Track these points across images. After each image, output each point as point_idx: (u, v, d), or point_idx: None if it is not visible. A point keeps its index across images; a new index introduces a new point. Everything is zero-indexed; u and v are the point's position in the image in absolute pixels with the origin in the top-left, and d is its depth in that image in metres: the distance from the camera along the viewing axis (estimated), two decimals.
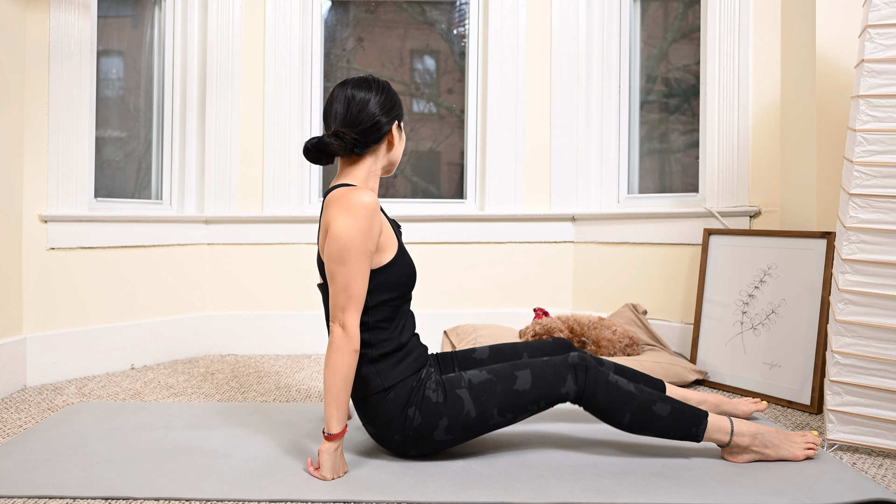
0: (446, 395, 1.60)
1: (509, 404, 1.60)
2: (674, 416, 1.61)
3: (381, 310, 1.61)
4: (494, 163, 3.19)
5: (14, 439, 1.80)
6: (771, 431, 1.66)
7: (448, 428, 1.59)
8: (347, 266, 1.52)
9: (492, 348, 1.88)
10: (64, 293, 2.54)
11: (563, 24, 3.19)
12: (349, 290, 1.52)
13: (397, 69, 3.39)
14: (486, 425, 1.61)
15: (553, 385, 1.60)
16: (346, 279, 1.52)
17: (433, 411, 1.59)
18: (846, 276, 1.75)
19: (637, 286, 3.04)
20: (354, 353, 1.52)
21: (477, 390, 1.60)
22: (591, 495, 1.45)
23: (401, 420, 1.59)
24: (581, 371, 1.61)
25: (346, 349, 1.51)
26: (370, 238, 1.53)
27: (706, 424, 1.62)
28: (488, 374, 1.63)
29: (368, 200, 1.53)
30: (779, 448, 1.64)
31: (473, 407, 1.59)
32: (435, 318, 3.16)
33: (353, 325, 1.52)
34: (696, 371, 2.50)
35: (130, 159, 2.97)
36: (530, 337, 2.72)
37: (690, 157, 3.06)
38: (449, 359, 1.87)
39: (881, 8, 1.72)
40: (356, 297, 1.52)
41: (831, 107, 2.30)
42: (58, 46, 2.50)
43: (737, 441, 1.63)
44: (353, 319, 1.52)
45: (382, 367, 1.61)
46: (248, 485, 1.50)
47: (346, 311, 1.52)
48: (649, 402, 1.61)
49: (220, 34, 3.04)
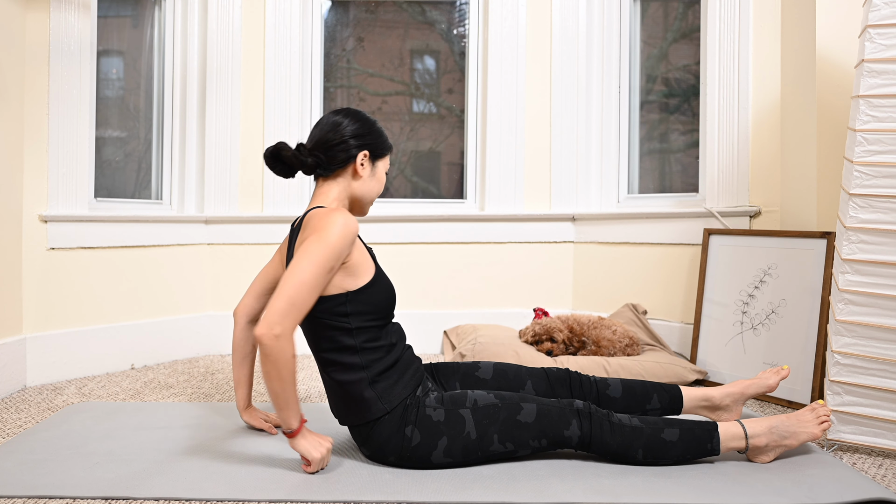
0: (447, 414, 1.58)
1: (510, 434, 1.58)
2: (684, 438, 1.59)
3: (366, 331, 1.60)
4: (494, 163, 3.19)
5: (14, 439, 1.80)
6: (783, 420, 1.64)
7: (447, 449, 1.57)
8: (304, 275, 1.49)
9: (496, 367, 1.84)
10: (64, 293, 2.54)
11: (563, 24, 3.19)
12: (295, 299, 1.48)
13: (397, 69, 3.39)
14: (485, 450, 1.59)
15: (557, 425, 1.59)
16: (298, 286, 1.48)
17: (433, 430, 1.57)
18: (846, 276, 1.75)
19: (637, 286, 3.04)
20: (293, 359, 1.50)
21: (481, 413, 1.59)
22: (591, 495, 1.45)
23: (398, 440, 1.57)
24: (585, 417, 1.60)
25: (288, 354, 1.49)
26: (337, 258, 1.53)
27: (718, 436, 1.61)
28: (495, 399, 1.61)
29: (353, 223, 1.55)
30: (797, 434, 1.63)
31: (475, 429, 1.57)
32: (435, 318, 3.16)
33: (290, 333, 1.50)
34: (696, 371, 2.50)
35: (130, 159, 2.97)
36: (530, 337, 2.72)
37: (690, 157, 3.06)
38: (451, 371, 1.83)
39: (881, 8, 1.72)
40: (300, 307, 1.49)
41: (831, 107, 2.30)
42: (58, 46, 2.50)
43: (754, 443, 1.62)
44: (292, 327, 1.49)
45: (382, 390, 1.59)
46: (248, 485, 1.50)
47: (287, 317, 1.48)
48: (657, 432, 1.59)
49: (220, 34, 3.04)
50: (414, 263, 3.17)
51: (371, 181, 1.72)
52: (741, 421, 1.65)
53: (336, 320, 1.59)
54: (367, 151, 1.68)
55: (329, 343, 1.61)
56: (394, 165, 3.40)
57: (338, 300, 1.58)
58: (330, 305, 1.58)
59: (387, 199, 3.34)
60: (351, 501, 1.43)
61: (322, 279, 1.51)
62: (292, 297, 1.47)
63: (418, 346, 3.15)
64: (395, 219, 3.15)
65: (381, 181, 1.74)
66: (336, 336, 1.59)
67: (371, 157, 1.70)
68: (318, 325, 1.61)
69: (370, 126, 1.70)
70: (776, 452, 1.64)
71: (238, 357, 1.86)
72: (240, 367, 1.87)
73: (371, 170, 1.71)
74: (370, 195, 1.73)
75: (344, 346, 1.59)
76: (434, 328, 3.16)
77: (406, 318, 3.14)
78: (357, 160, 1.67)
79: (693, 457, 1.61)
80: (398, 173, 3.41)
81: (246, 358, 1.86)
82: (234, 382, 1.89)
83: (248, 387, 1.89)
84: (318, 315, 1.60)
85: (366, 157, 1.68)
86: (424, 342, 3.15)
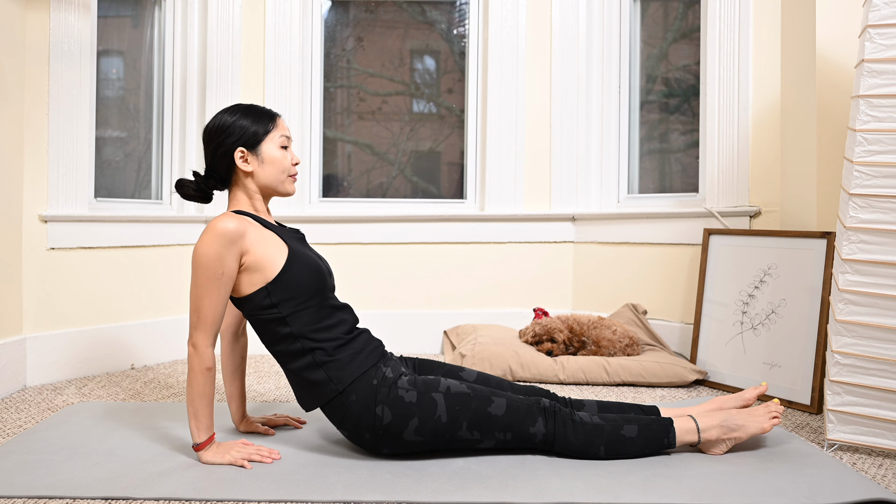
0: (419, 396, 1.61)
1: (478, 423, 1.62)
2: (643, 434, 1.64)
3: (301, 315, 1.62)
4: (494, 163, 3.19)
5: (14, 439, 1.80)
6: (733, 413, 1.69)
7: (418, 429, 1.60)
8: (198, 287, 1.57)
9: (479, 374, 1.85)
10: (64, 293, 2.54)
11: (563, 24, 3.19)
12: (199, 311, 1.57)
13: (397, 69, 3.39)
14: (453, 435, 1.62)
15: (524, 420, 1.63)
16: (196, 299, 1.58)
17: (405, 411, 1.60)
18: (846, 276, 1.75)
19: (637, 286, 3.04)
20: (207, 372, 1.57)
21: (453, 399, 1.62)
22: (591, 495, 1.45)
23: (370, 419, 1.60)
24: (550, 416, 1.64)
25: (198, 368, 1.57)
26: (222, 263, 1.56)
27: (674, 431, 1.66)
28: (467, 389, 1.65)
29: (223, 227, 1.57)
30: (745, 427, 1.67)
31: (446, 413, 1.61)
32: (435, 318, 3.16)
33: (203, 345, 1.57)
34: (696, 371, 2.50)
35: (130, 159, 2.97)
36: (530, 337, 2.72)
37: (690, 157, 3.06)
38: (435, 366, 1.85)
39: (881, 8, 1.72)
40: (204, 318, 1.57)
41: (831, 107, 2.30)
42: (58, 46, 2.50)
43: (706, 436, 1.66)
44: (203, 339, 1.57)
45: (332, 370, 1.62)
46: (249, 485, 1.50)
47: (196, 330, 1.58)
48: (617, 429, 1.64)
49: (220, 34, 3.04)
50: (414, 263, 3.17)
51: (265, 168, 1.70)
52: (693, 416, 1.69)
53: (266, 314, 1.63)
54: (242, 147, 1.68)
55: (270, 336, 1.66)
56: (394, 165, 3.40)
57: (259, 295, 1.62)
58: (255, 303, 1.63)
59: (387, 199, 3.34)
60: (351, 501, 1.43)
61: (214, 287, 1.57)
62: (194, 311, 1.58)
63: (418, 346, 3.15)
64: (395, 219, 3.15)
65: (277, 161, 1.70)
66: (273, 328, 1.64)
67: (249, 149, 1.68)
68: (255, 324, 1.66)
69: (230, 124, 1.68)
70: (727, 445, 1.68)
71: (226, 372, 1.85)
72: (230, 383, 1.85)
73: (257, 159, 1.69)
74: (273, 178, 1.71)
75: (283, 335, 1.63)
76: (434, 328, 3.16)
77: (406, 318, 3.15)
78: (237, 162, 1.68)
79: (651, 451, 1.66)
80: (398, 173, 3.41)
81: (235, 373, 1.85)
82: (227, 398, 1.88)
83: (241, 400, 1.86)
84: (250, 315, 1.66)
85: (243, 153, 1.68)
86: (424, 342, 3.15)
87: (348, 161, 3.39)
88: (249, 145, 1.68)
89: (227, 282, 1.58)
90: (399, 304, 3.16)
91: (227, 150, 1.68)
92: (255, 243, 1.62)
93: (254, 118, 1.70)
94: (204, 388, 1.58)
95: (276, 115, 1.74)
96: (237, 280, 1.62)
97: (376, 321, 3.13)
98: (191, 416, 1.60)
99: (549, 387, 2.48)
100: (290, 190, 1.75)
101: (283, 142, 1.72)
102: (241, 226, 1.59)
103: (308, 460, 1.65)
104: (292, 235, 1.74)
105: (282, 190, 1.73)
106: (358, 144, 3.40)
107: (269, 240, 1.65)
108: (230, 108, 1.71)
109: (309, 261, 1.67)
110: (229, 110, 1.71)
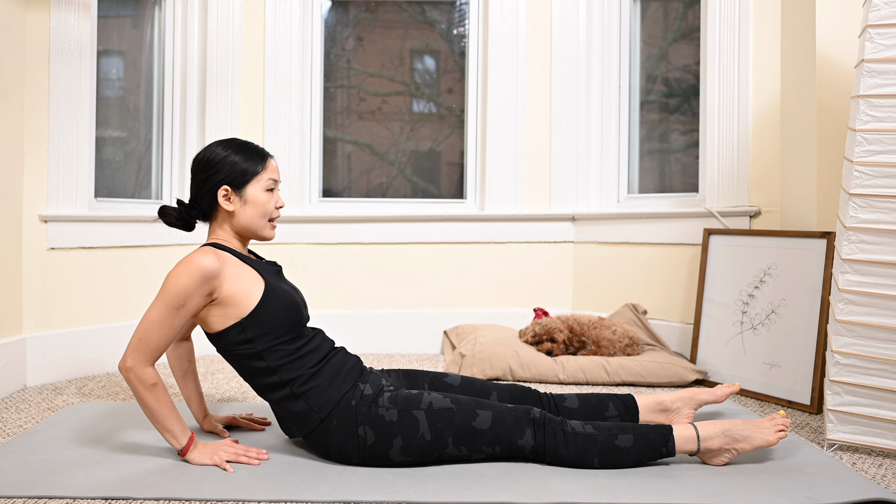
0: (400, 415, 1.59)
1: (464, 438, 1.59)
2: (639, 443, 1.60)
3: (275, 350, 1.62)
4: (494, 163, 3.19)
5: (14, 439, 1.80)
6: (738, 424, 1.63)
7: (403, 448, 1.58)
8: (156, 311, 1.55)
9: (463, 378, 1.85)
10: (64, 293, 2.54)
11: (563, 24, 3.19)
12: (146, 336, 1.55)
13: (397, 69, 3.39)
14: (440, 453, 1.60)
15: (511, 433, 1.60)
16: (148, 323, 1.55)
17: (387, 430, 1.58)
18: (846, 275, 1.75)
19: (637, 286, 3.04)
20: (154, 388, 1.55)
21: (435, 415, 1.59)
22: (591, 495, 1.45)
23: (353, 441, 1.59)
24: (539, 427, 1.60)
25: (142, 388, 1.55)
26: (187, 297, 1.55)
27: (673, 439, 1.61)
28: (451, 403, 1.62)
29: (200, 263, 1.56)
30: (750, 439, 1.61)
31: (429, 430, 1.58)
32: (435, 318, 3.16)
33: (140, 367, 1.55)
34: (696, 371, 2.50)
35: (130, 159, 2.97)
36: (530, 337, 2.73)
37: (690, 157, 3.06)
38: (420, 375, 1.84)
39: (881, 8, 1.72)
40: (148, 343, 1.55)
41: (831, 107, 2.30)
42: (58, 47, 2.50)
43: (706, 445, 1.61)
44: (141, 362, 1.55)
45: (311, 399, 1.61)
46: (248, 485, 1.50)
47: (136, 353, 1.55)
48: (611, 438, 1.60)
49: (220, 34, 3.04)
50: (414, 263, 3.17)
51: (246, 209, 1.68)
52: (695, 424, 1.65)
53: (241, 349, 1.62)
54: (226, 186, 1.66)
55: (247, 371, 1.65)
56: (394, 165, 3.40)
57: (234, 331, 1.60)
58: (229, 338, 1.62)
59: (387, 198, 3.34)
60: (351, 501, 1.43)
61: (170, 318, 1.55)
62: (141, 334, 1.55)
63: (418, 346, 3.15)
64: (395, 219, 3.15)
65: (260, 204, 1.68)
66: (249, 363, 1.63)
67: (234, 189, 1.67)
68: (231, 359, 1.66)
69: (219, 160, 1.66)
70: (730, 455, 1.62)
71: (177, 376, 1.86)
72: (184, 386, 1.86)
73: (240, 200, 1.68)
74: (253, 222, 1.69)
75: (259, 370, 1.63)
76: (434, 328, 3.16)
77: (406, 318, 3.15)
78: (220, 200, 1.67)
79: (649, 460, 1.62)
80: (398, 173, 3.41)
81: (186, 375, 1.85)
82: (185, 399, 1.88)
83: (199, 399, 1.87)
84: (224, 350, 1.65)
85: (227, 191, 1.66)
86: (424, 342, 3.15)
87: (348, 161, 3.39)
88: (235, 185, 1.66)
89: (184, 314, 1.57)
90: (399, 304, 3.16)
91: (212, 187, 1.66)
92: (231, 278, 1.61)
93: (245, 156, 1.68)
94: (158, 403, 1.56)
95: (269, 155, 1.73)
96: (209, 316, 1.61)
97: (376, 321, 3.13)
98: (160, 430, 1.58)
99: (548, 387, 2.48)
100: (269, 235, 1.72)
101: (270, 185, 1.70)
102: (217, 264, 1.58)
103: (308, 460, 1.65)
104: (269, 269, 1.72)
105: (260, 234, 1.71)
106: (358, 144, 3.40)
107: (246, 276, 1.63)
108: (224, 142, 1.69)
109: (285, 295, 1.66)
110: (223, 143, 1.69)
